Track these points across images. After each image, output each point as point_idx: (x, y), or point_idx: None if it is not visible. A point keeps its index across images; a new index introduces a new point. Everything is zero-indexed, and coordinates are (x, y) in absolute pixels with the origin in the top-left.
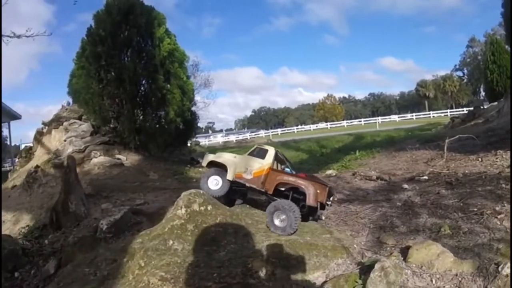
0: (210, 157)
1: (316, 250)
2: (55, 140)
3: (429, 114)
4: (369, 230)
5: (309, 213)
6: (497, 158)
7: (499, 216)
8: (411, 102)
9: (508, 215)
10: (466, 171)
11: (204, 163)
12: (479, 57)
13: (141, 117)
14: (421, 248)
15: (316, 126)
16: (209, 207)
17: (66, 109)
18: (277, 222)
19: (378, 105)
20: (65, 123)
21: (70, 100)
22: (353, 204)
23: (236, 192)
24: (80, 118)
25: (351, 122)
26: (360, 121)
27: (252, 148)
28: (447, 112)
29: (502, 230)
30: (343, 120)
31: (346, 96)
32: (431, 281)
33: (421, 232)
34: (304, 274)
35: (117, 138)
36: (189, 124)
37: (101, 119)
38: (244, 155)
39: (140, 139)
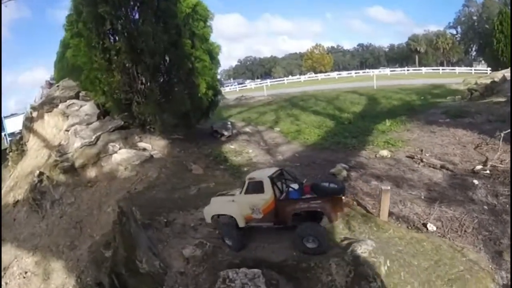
0: (212, 211)
1: None
2: (50, 126)
3: (421, 69)
4: (482, 242)
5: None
6: None
7: None
8: (400, 55)
9: None
10: None
11: (208, 219)
12: (474, 18)
13: (164, 94)
14: None
15: (308, 77)
16: None
17: (58, 86)
18: (309, 245)
19: (367, 56)
20: (61, 106)
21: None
22: (444, 205)
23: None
24: (77, 96)
25: (339, 74)
26: (350, 73)
27: (245, 185)
28: (438, 69)
29: None
30: (332, 71)
31: (334, 45)
32: None
33: None
34: None
35: (134, 121)
36: (217, 94)
37: (114, 102)
38: (241, 195)
39: (166, 120)
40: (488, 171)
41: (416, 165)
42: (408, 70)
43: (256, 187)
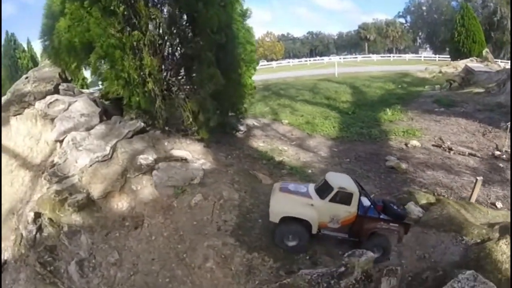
0: (283, 212)
1: None
2: (21, 135)
3: (370, 57)
4: None
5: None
6: None
7: None
8: (349, 42)
9: None
10: None
11: (275, 219)
12: (424, 8)
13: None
14: None
15: (261, 65)
16: None
17: (27, 78)
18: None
19: (317, 44)
20: (38, 104)
21: None
22: (492, 186)
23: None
24: (56, 91)
25: (289, 62)
26: (301, 60)
27: (333, 193)
28: (389, 56)
29: None
30: (283, 58)
31: (285, 33)
32: None
33: None
34: None
35: (155, 121)
36: None
37: (144, 96)
38: (325, 202)
39: (199, 116)
40: (504, 156)
41: (447, 153)
42: (356, 57)
43: (344, 198)
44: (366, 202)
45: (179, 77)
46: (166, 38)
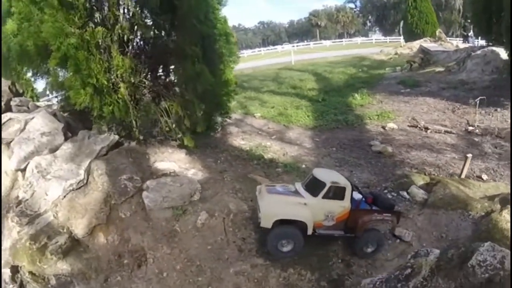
0: (275, 215)
1: None
2: None
3: (321, 43)
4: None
5: None
6: (502, 115)
7: None
8: (300, 30)
9: None
10: (499, 126)
11: (268, 224)
12: None
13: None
14: None
15: None
16: None
17: None
18: (369, 250)
19: (269, 33)
20: None
21: None
22: (474, 159)
23: None
24: (8, 107)
25: (243, 53)
26: (254, 51)
27: (326, 189)
28: (342, 41)
29: None
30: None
31: (236, 25)
32: None
33: None
34: None
35: (131, 132)
36: None
37: (118, 106)
38: (318, 199)
39: (185, 122)
40: (477, 131)
41: (424, 132)
42: (309, 44)
43: (337, 193)
44: (356, 195)
45: (156, 78)
46: (138, 30)
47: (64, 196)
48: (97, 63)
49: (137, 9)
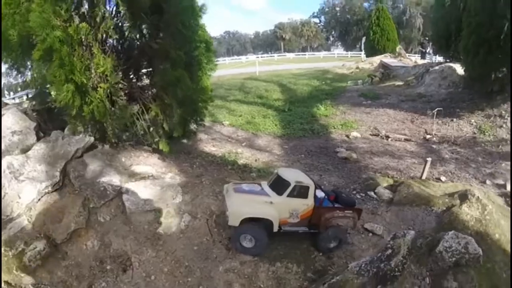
0: (242, 214)
1: None
2: None
3: (285, 55)
4: (467, 178)
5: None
6: (458, 124)
7: None
8: (265, 41)
9: None
10: (455, 134)
11: (236, 222)
12: (337, 9)
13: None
14: None
15: None
16: None
17: None
18: (332, 245)
19: (234, 43)
20: None
21: None
22: (433, 164)
23: None
24: None
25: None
26: (218, 60)
27: (290, 188)
28: (305, 54)
29: None
30: None
31: None
32: None
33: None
34: None
35: (105, 134)
36: None
37: (98, 106)
38: (283, 197)
39: (164, 126)
40: (435, 139)
41: (385, 141)
42: (273, 56)
43: (301, 192)
44: (319, 193)
45: (135, 79)
46: (126, 31)
47: (39, 199)
48: (79, 59)
49: (125, 7)
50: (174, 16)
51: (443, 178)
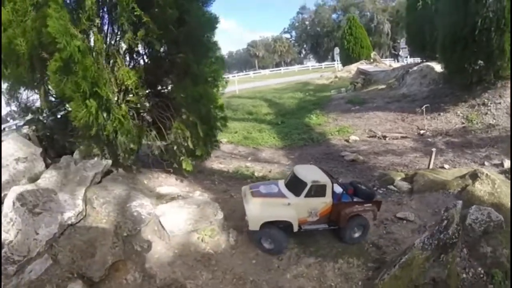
0: (262, 218)
1: None
2: None
3: (260, 72)
4: (467, 163)
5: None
6: (446, 117)
7: None
8: (239, 60)
9: None
10: (446, 127)
11: (256, 227)
12: (307, 23)
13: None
14: None
15: None
16: None
17: None
18: (356, 234)
19: None
20: None
21: None
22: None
23: None
24: None
25: None
26: None
27: (307, 188)
28: (280, 69)
29: None
30: None
31: None
32: None
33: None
34: None
35: (118, 155)
36: None
37: (122, 125)
38: (301, 198)
39: (189, 144)
40: (428, 133)
41: (384, 140)
42: (248, 73)
43: (318, 191)
44: (337, 189)
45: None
46: (151, 43)
47: (61, 233)
48: (102, 72)
49: (148, 17)
50: (195, 29)
51: (446, 166)
